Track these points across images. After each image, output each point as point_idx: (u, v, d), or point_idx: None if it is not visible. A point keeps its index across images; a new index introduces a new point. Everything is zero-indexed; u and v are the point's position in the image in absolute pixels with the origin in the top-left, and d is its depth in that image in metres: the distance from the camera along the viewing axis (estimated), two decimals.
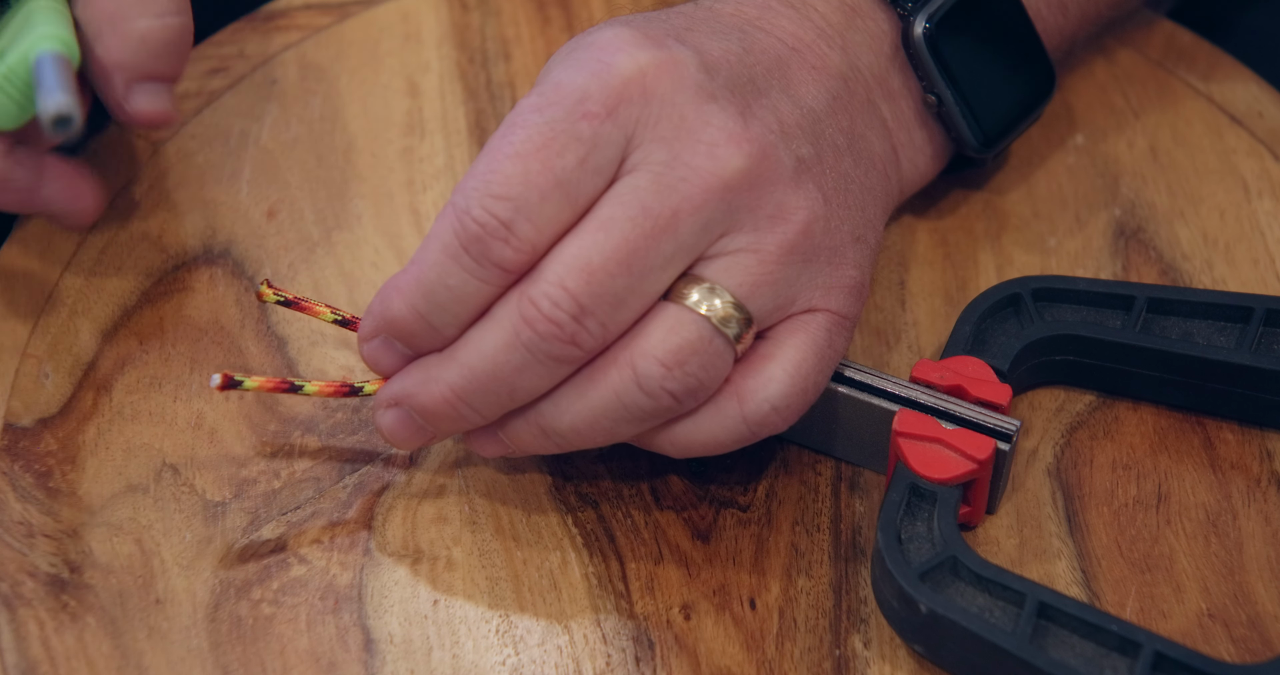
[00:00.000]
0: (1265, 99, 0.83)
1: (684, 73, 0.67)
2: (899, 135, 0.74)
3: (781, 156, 0.67)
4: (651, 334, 0.66)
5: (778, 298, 0.67)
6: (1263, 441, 0.74)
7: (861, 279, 0.69)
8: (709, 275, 0.67)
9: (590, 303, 0.65)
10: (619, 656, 0.70)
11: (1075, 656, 0.66)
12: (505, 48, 0.86)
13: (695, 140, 0.66)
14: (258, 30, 0.86)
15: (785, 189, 0.67)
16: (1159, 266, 0.79)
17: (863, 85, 0.72)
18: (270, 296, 0.73)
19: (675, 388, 0.66)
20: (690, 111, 0.66)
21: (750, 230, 0.67)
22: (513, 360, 0.66)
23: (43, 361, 0.76)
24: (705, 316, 0.66)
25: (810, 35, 0.71)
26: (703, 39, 0.69)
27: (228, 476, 0.74)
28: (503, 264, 0.66)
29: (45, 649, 0.70)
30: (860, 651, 0.70)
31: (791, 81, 0.70)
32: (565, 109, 0.66)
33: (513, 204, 0.65)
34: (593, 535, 0.72)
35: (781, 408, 0.68)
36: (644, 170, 0.66)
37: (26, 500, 0.73)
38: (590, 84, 0.66)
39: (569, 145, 0.65)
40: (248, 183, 0.81)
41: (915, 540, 0.69)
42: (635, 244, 0.65)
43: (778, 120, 0.68)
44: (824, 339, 0.68)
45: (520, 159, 0.65)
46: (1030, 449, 0.74)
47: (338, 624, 0.70)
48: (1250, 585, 0.71)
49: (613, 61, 0.66)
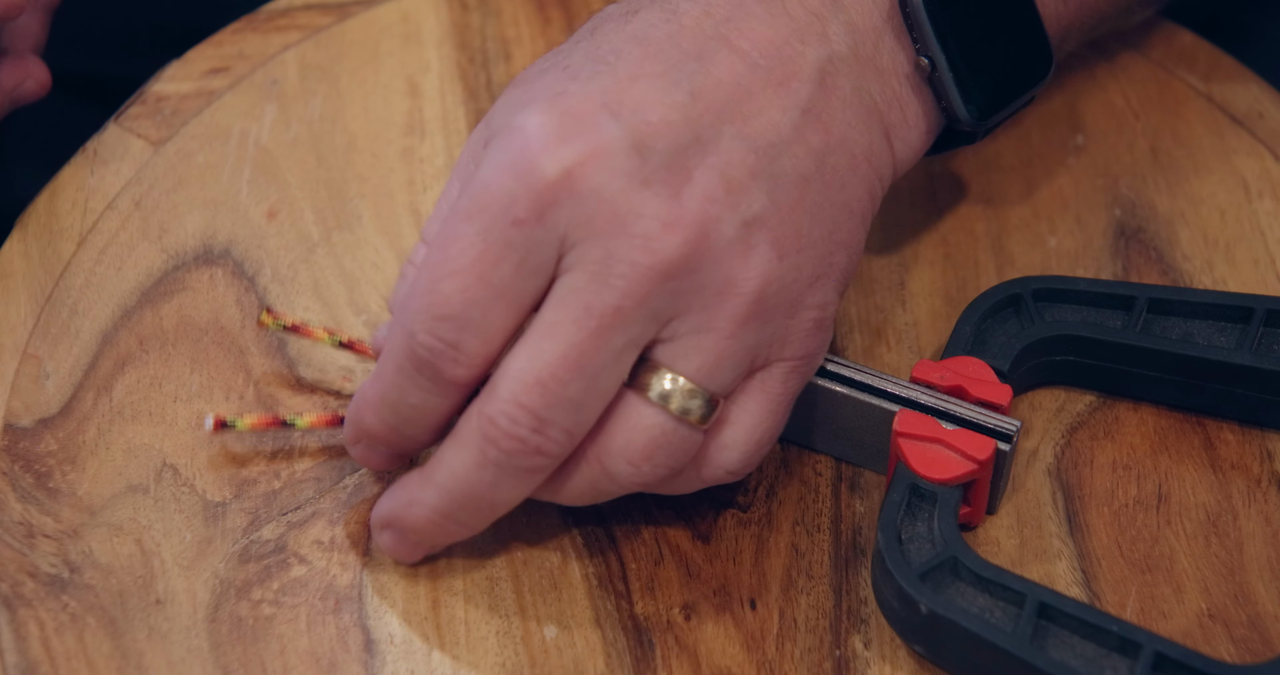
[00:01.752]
0: (1266, 99, 0.83)
1: (613, 163, 0.65)
2: (891, 115, 0.71)
3: (723, 229, 0.66)
4: (617, 434, 0.67)
5: (738, 367, 0.67)
6: (1263, 442, 0.74)
7: (821, 315, 0.68)
8: (666, 361, 0.66)
9: (548, 413, 0.65)
10: (619, 656, 0.70)
11: (1075, 657, 0.66)
12: (505, 48, 0.86)
13: (629, 234, 0.65)
14: (258, 30, 0.86)
15: (731, 261, 0.66)
16: (1159, 267, 0.79)
17: (845, 75, 0.70)
18: (271, 324, 0.75)
19: (645, 480, 0.67)
20: (621, 203, 0.65)
21: (700, 310, 0.66)
22: (485, 477, 0.67)
23: (43, 361, 0.76)
24: (666, 408, 0.66)
25: (783, 34, 0.69)
26: (645, 93, 0.67)
27: (228, 476, 0.74)
28: (456, 381, 0.66)
29: (45, 649, 0.70)
30: (860, 652, 0.70)
31: (749, 114, 0.68)
32: (494, 216, 0.65)
33: (456, 323, 0.65)
34: (593, 535, 0.72)
35: (737, 470, 0.69)
36: (580, 270, 0.65)
37: (27, 500, 0.73)
38: (516, 188, 0.65)
39: (504, 254, 0.65)
40: (248, 183, 0.81)
41: (915, 540, 0.69)
42: (583, 346, 0.65)
43: (722, 181, 0.66)
44: (779, 391, 0.68)
45: (458, 276, 0.65)
46: (1030, 449, 0.74)
47: (338, 624, 0.70)
48: (1251, 585, 0.71)
49: (535, 163, 0.65)
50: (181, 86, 0.84)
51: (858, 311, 0.78)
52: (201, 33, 0.86)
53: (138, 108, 0.83)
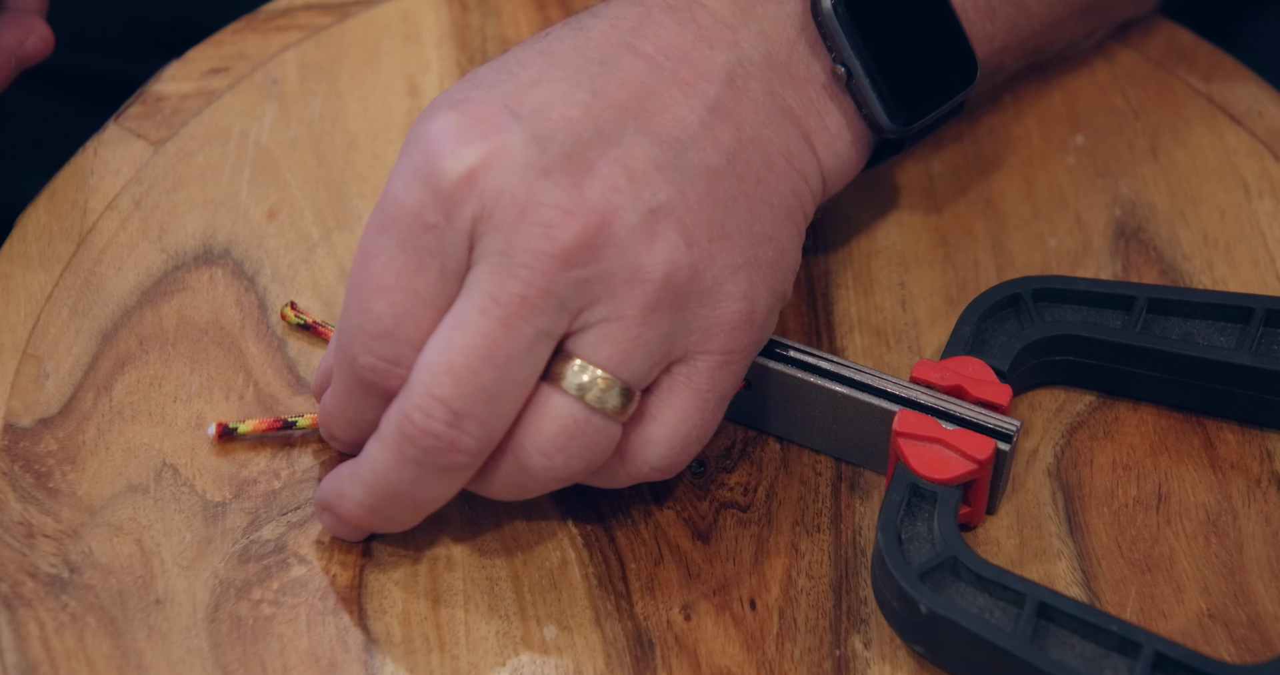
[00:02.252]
0: (1265, 99, 0.83)
1: (513, 157, 0.66)
2: (809, 121, 0.71)
3: (626, 216, 0.66)
4: (530, 423, 0.67)
5: (651, 357, 0.67)
6: (1263, 441, 0.74)
7: (747, 309, 0.68)
8: (578, 351, 0.66)
9: (462, 405, 0.65)
10: (619, 656, 0.70)
11: (1075, 657, 0.67)
12: (505, 48, 0.86)
13: (530, 223, 0.65)
14: (258, 30, 0.86)
15: (638, 248, 0.66)
16: (1159, 266, 0.79)
17: (758, 79, 0.70)
18: (292, 318, 0.76)
19: (560, 473, 0.67)
20: (521, 193, 0.65)
21: (608, 299, 0.66)
22: (405, 476, 0.67)
23: (43, 361, 0.76)
24: (579, 398, 0.66)
25: (690, 40, 0.69)
26: (547, 94, 0.67)
27: (228, 476, 0.74)
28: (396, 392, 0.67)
29: (45, 649, 0.70)
30: (860, 652, 0.70)
31: (653, 113, 0.68)
32: (408, 226, 0.66)
33: (393, 339, 0.66)
34: (593, 535, 0.72)
35: (663, 468, 0.69)
36: (484, 262, 0.66)
37: (27, 500, 0.73)
38: (424, 196, 0.66)
39: (425, 262, 0.66)
40: (248, 183, 0.81)
41: (915, 540, 0.69)
42: (492, 335, 0.65)
43: (625, 172, 0.67)
44: (706, 387, 0.68)
45: (385, 292, 0.66)
46: (1030, 449, 0.74)
47: (338, 624, 0.70)
48: (1250, 585, 0.71)
49: (439, 167, 0.66)
50: (181, 86, 0.84)
51: (858, 311, 0.78)
52: (201, 33, 0.86)
53: (138, 108, 0.83)
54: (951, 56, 0.74)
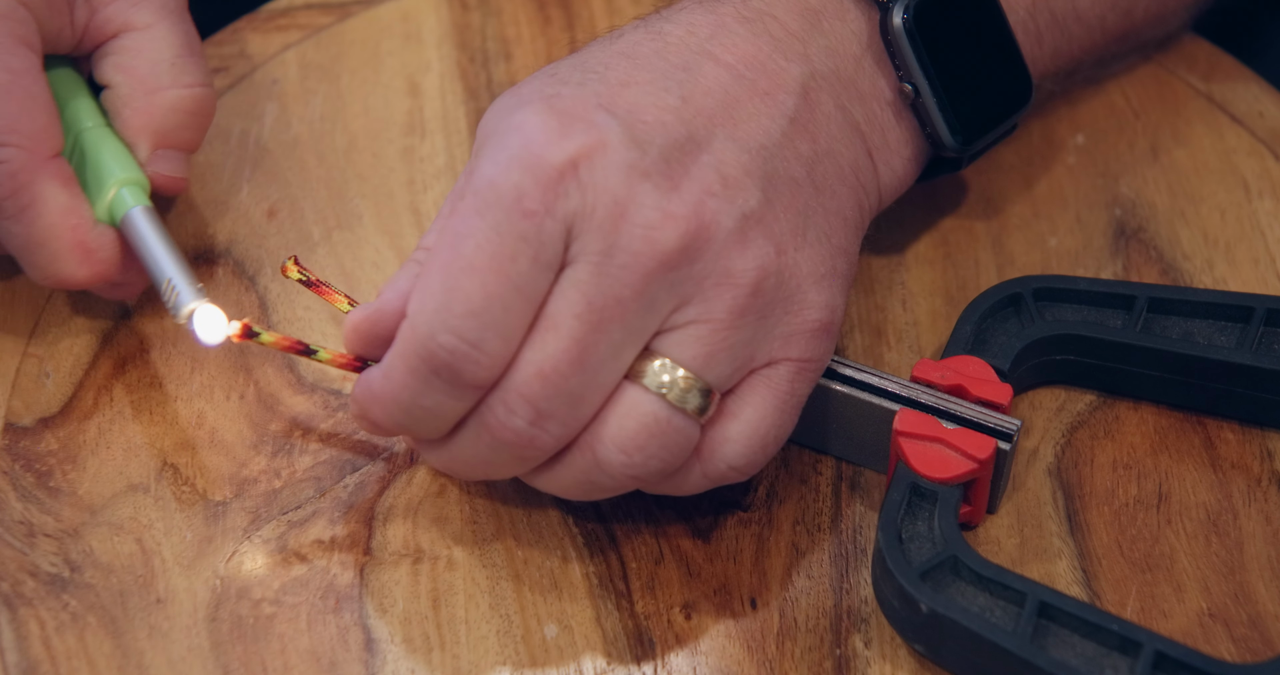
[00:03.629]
0: (1265, 99, 0.83)
1: (613, 154, 0.66)
2: (873, 137, 0.72)
3: (722, 220, 0.66)
4: (610, 419, 0.67)
5: (735, 360, 0.67)
6: (1263, 441, 0.74)
7: (828, 318, 0.69)
8: (664, 350, 0.66)
9: (547, 406, 0.66)
10: (619, 656, 0.70)
11: (1076, 656, 0.67)
12: (506, 47, 0.86)
13: (630, 224, 0.65)
14: (258, 30, 0.86)
15: (730, 253, 0.67)
16: (1159, 266, 0.79)
17: (828, 92, 0.71)
18: (293, 273, 0.74)
19: (638, 472, 0.67)
20: (623, 194, 0.66)
21: (699, 301, 0.66)
22: (481, 455, 0.68)
23: (43, 361, 0.76)
24: (662, 396, 0.66)
25: (765, 51, 0.70)
26: (638, 96, 0.68)
27: (228, 476, 0.74)
28: (475, 383, 0.66)
29: (46, 649, 0.70)
30: (861, 651, 0.70)
31: (739, 120, 0.68)
32: (505, 210, 0.65)
33: (479, 321, 0.65)
34: (593, 535, 0.72)
35: (741, 466, 0.69)
36: (583, 262, 0.65)
37: (27, 500, 0.73)
38: (524, 181, 0.65)
39: (519, 248, 0.65)
40: (248, 183, 0.81)
41: (916, 540, 0.69)
42: (585, 340, 0.65)
43: (719, 176, 0.67)
44: (786, 390, 0.68)
45: (476, 272, 0.65)
46: (1031, 448, 0.74)
47: (338, 624, 0.70)
48: (1251, 585, 0.71)
49: (542, 154, 0.65)
50: None
51: (858, 311, 0.78)
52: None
53: None
54: (1009, 77, 0.75)
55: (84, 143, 0.75)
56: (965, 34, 0.74)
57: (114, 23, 0.75)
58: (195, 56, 0.76)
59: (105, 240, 0.73)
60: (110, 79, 0.75)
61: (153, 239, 0.73)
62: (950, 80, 0.73)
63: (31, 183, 0.72)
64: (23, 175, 0.71)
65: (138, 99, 0.75)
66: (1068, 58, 0.79)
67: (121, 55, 0.75)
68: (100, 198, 0.74)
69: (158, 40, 0.75)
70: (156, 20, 0.76)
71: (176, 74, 0.75)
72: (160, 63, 0.75)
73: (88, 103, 0.76)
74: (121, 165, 0.74)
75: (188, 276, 0.71)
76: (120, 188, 0.74)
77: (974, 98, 0.74)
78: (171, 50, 0.75)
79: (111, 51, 0.75)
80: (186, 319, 0.70)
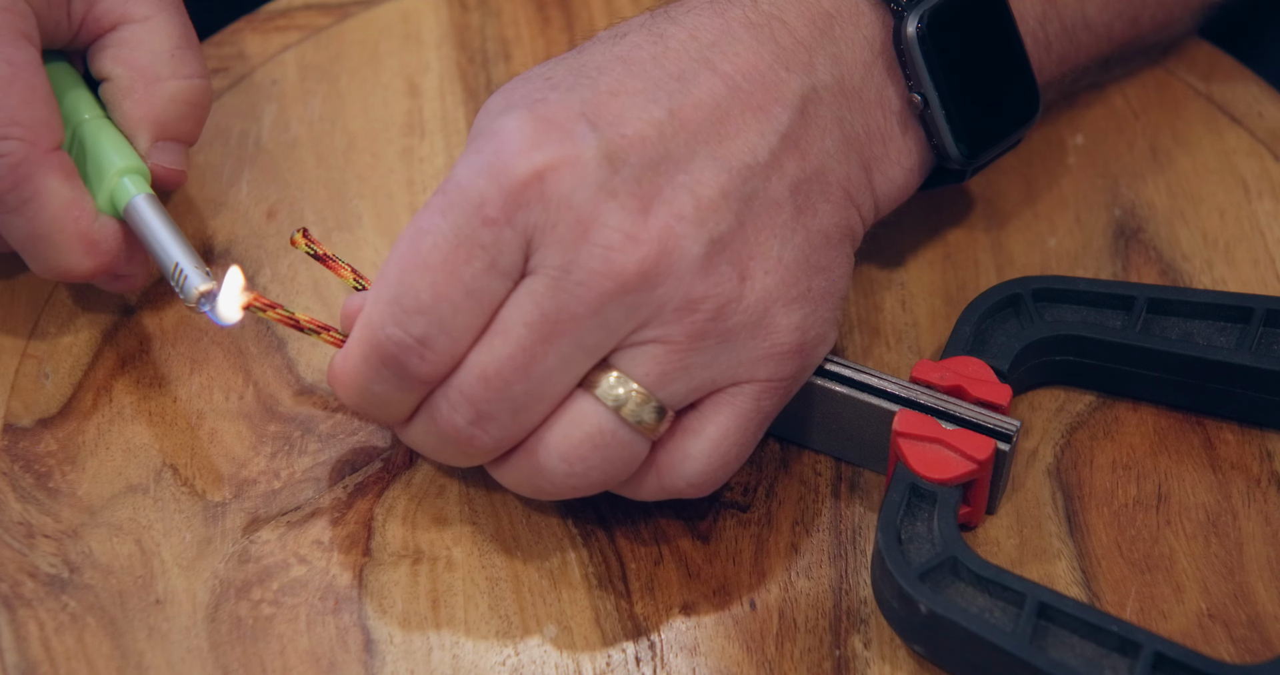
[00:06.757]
0: (1265, 99, 0.83)
1: (583, 171, 0.66)
2: (873, 149, 0.72)
3: (688, 246, 0.66)
4: (557, 427, 0.67)
5: (692, 381, 0.67)
6: (1263, 441, 0.74)
7: (797, 340, 0.68)
8: (620, 365, 0.67)
9: (487, 408, 0.66)
10: (619, 656, 0.70)
11: (1075, 657, 0.66)
12: (505, 48, 0.86)
13: (591, 244, 0.65)
14: (258, 30, 0.86)
15: (693, 279, 0.66)
16: (1159, 266, 0.79)
17: (828, 104, 0.70)
18: (302, 247, 0.73)
19: (578, 482, 0.68)
20: (587, 211, 0.65)
21: (658, 324, 0.66)
22: (431, 444, 0.69)
23: (43, 361, 0.76)
24: (612, 409, 0.66)
25: (767, 60, 0.69)
26: (624, 107, 0.67)
27: (228, 476, 0.74)
28: (421, 378, 0.66)
29: (45, 649, 0.70)
30: (860, 652, 0.70)
31: (726, 137, 0.68)
32: (466, 215, 0.65)
33: (426, 318, 0.65)
34: (593, 535, 0.72)
35: (699, 484, 0.69)
36: (542, 274, 0.66)
37: (27, 500, 0.73)
38: (488, 188, 0.65)
39: (475, 253, 0.65)
40: (248, 183, 0.81)
41: (915, 540, 0.69)
42: (532, 349, 0.65)
43: (692, 198, 0.67)
44: (750, 409, 0.68)
45: (429, 271, 0.65)
46: (1030, 449, 0.74)
47: (338, 624, 0.70)
48: (1250, 585, 0.71)
49: (509, 164, 0.66)
50: None
51: (856, 311, 0.78)
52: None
53: None
54: (1017, 91, 0.75)
55: (83, 134, 0.75)
56: (977, 46, 0.73)
57: (112, 15, 0.75)
58: (193, 48, 0.76)
59: (108, 231, 0.73)
60: (109, 71, 0.75)
61: (157, 225, 0.73)
62: (959, 92, 0.72)
63: (33, 175, 0.72)
64: (24, 168, 0.71)
65: (138, 90, 0.75)
66: (1074, 64, 0.78)
67: (120, 47, 0.75)
68: (102, 188, 0.74)
69: (156, 32, 0.75)
70: (154, 12, 0.76)
71: (176, 65, 0.75)
72: (159, 54, 0.75)
73: (85, 95, 0.76)
74: (122, 154, 0.74)
75: (195, 260, 0.72)
76: (122, 176, 0.74)
77: (982, 111, 0.73)
78: (170, 42, 0.75)
79: (110, 44, 0.76)
80: (196, 302, 0.71)
